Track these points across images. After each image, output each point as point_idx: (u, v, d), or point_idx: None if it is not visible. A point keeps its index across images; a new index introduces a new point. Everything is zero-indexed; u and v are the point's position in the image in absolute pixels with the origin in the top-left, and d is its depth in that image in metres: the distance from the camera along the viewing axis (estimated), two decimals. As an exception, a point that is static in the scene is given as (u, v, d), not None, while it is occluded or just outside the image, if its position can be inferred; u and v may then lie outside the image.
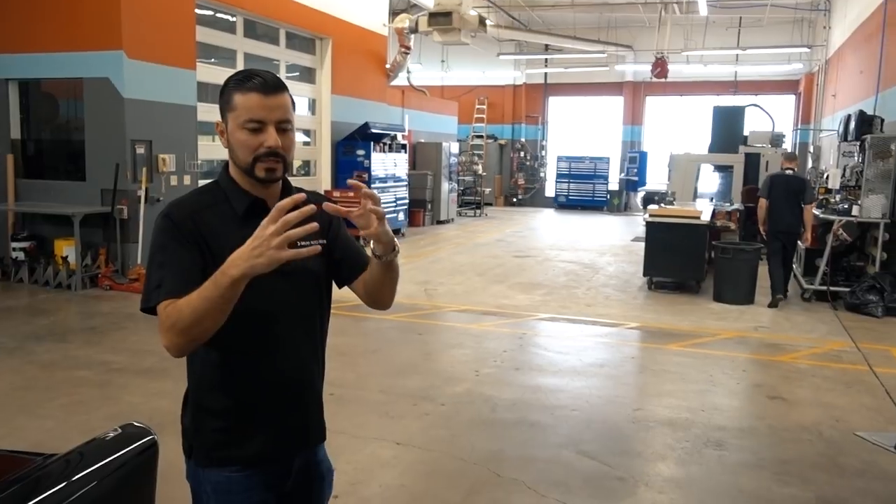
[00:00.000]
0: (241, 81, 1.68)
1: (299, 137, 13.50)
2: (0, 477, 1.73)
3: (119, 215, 8.80)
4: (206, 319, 1.54)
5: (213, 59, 10.77)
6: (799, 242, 9.24)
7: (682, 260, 9.12)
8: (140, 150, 9.01)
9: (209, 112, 10.48)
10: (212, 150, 10.83)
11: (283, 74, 12.41)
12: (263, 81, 1.67)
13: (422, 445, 4.28)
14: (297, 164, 13.35)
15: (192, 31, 9.81)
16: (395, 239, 1.74)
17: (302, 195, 1.52)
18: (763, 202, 8.68)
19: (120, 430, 2.06)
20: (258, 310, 1.64)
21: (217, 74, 10.83)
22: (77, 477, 1.82)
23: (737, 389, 5.50)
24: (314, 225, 1.50)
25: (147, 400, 4.98)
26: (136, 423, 2.09)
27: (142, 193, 8.90)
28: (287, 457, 1.84)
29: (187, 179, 9.73)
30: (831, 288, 8.60)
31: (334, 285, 1.93)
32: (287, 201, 1.48)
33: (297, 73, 12.93)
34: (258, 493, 1.80)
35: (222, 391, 1.77)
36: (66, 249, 8.59)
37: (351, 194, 1.74)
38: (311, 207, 1.48)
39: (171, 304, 1.59)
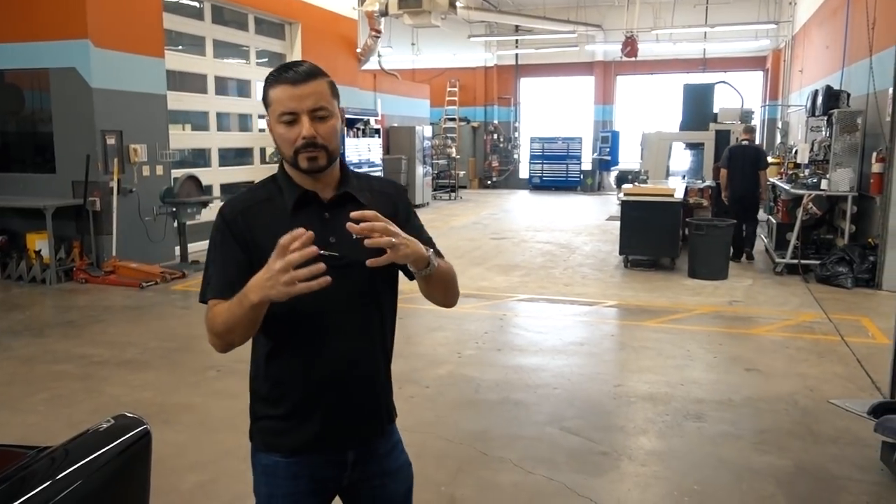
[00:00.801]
0: (275, 76, 1.70)
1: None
2: (-3, 470, 1.74)
3: (92, 207, 8.69)
4: (235, 330, 1.63)
5: (179, 47, 10.60)
6: (771, 218, 9.75)
7: (656, 238, 9.24)
8: (111, 141, 8.88)
9: (179, 100, 10.36)
10: (182, 139, 10.72)
11: (252, 61, 12.30)
12: (294, 72, 1.67)
13: (408, 427, 4.28)
14: (269, 151, 13.25)
15: (159, 18, 9.65)
16: (430, 254, 1.69)
17: (300, 231, 1.49)
18: (724, 172, 9.95)
19: (113, 421, 2.07)
20: (303, 302, 1.57)
21: (186, 62, 10.70)
22: (75, 467, 1.84)
23: (714, 363, 5.63)
24: (320, 266, 1.48)
25: (130, 392, 4.97)
26: (127, 414, 2.11)
27: (114, 185, 8.79)
28: (337, 449, 1.83)
29: (160, 169, 9.62)
30: (802, 261, 8.79)
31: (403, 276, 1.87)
32: (286, 238, 1.48)
33: (267, 59, 12.79)
34: (304, 482, 1.82)
35: (270, 381, 1.81)
36: (39, 243, 8.47)
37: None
38: (311, 250, 1.48)
39: (216, 305, 1.68)
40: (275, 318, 1.65)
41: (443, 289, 1.83)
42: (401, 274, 1.87)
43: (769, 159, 11.05)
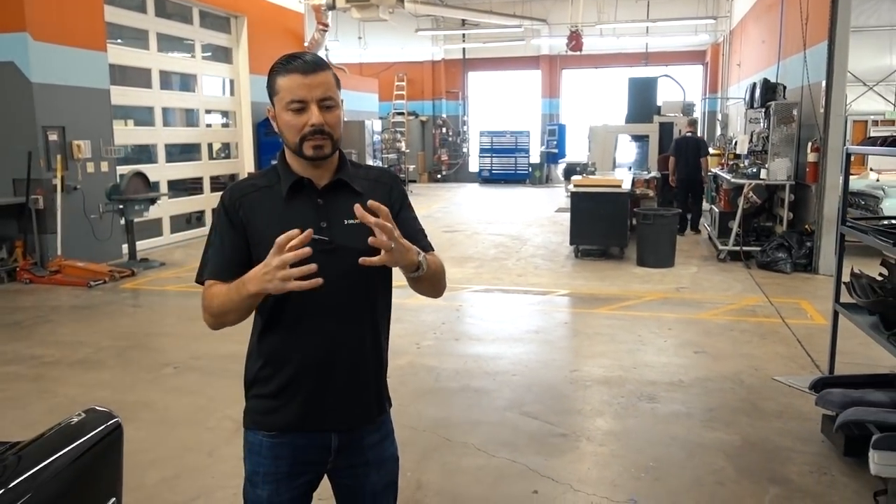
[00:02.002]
0: (283, 65, 1.74)
1: (217, 119, 13.19)
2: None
3: (35, 205, 8.46)
4: (229, 314, 1.74)
5: (119, 40, 10.35)
6: (713, 207, 10.26)
7: (605, 228, 9.47)
8: (53, 137, 8.65)
9: (123, 95, 10.14)
10: (127, 135, 10.49)
11: (198, 55, 12.09)
12: (303, 62, 1.73)
13: (371, 417, 4.38)
14: (216, 146, 13.06)
15: (100, 10, 9.44)
16: (421, 258, 1.73)
17: (295, 231, 1.57)
18: (672, 159, 11.83)
19: (84, 415, 2.07)
20: (300, 296, 1.63)
21: (129, 56, 10.46)
22: (48, 461, 1.84)
23: (664, 347, 5.82)
24: (312, 267, 1.57)
25: (85, 392, 4.88)
26: (97, 408, 2.11)
27: (58, 182, 8.56)
28: (320, 432, 1.85)
29: (105, 166, 9.42)
30: (744, 248, 9.13)
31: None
32: (283, 237, 1.56)
33: (210, 53, 12.57)
34: (286, 463, 1.86)
35: (261, 359, 1.86)
36: (-21, 243, 8.21)
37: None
38: (306, 251, 1.56)
39: (212, 286, 1.78)
40: (269, 295, 1.69)
41: (430, 286, 1.88)
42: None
43: (710, 150, 12.61)
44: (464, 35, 23.24)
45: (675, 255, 9.15)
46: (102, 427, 2.05)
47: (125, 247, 9.43)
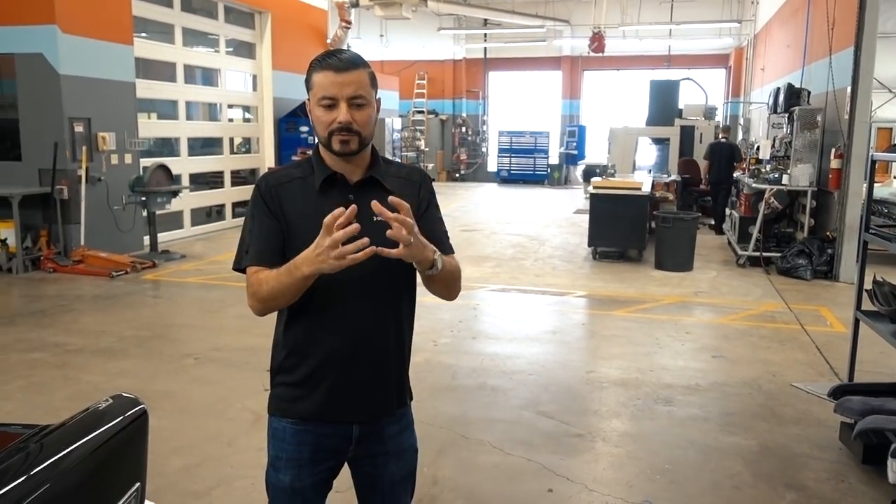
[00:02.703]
0: (319, 61, 1.78)
1: (239, 114, 13.29)
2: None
3: (59, 196, 8.57)
4: (280, 298, 1.77)
5: (144, 34, 10.45)
6: (733, 212, 10.23)
7: (624, 230, 9.44)
8: (79, 129, 8.77)
9: (148, 89, 10.25)
10: (151, 127, 10.61)
11: (222, 49, 12.20)
12: (338, 59, 1.76)
13: (388, 412, 4.42)
14: (238, 141, 13.17)
15: (128, 4, 9.55)
16: (437, 257, 1.77)
17: (340, 210, 1.61)
18: (706, 162, 12.41)
19: (111, 401, 2.12)
20: (323, 277, 1.70)
21: (154, 50, 10.58)
22: (75, 445, 1.89)
23: (681, 350, 5.81)
24: (365, 241, 1.61)
25: (108, 379, 4.96)
26: (124, 394, 2.16)
27: (82, 173, 8.68)
28: (342, 423, 1.89)
29: (128, 158, 9.53)
30: (764, 254, 9.07)
31: None
32: (329, 218, 1.61)
33: (233, 49, 12.68)
34: (308, 449, 1.90)
35: (287, 349, 1.90)
36: (5, 232, 8.33)
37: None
38: (355, 227, 1.61)
39: (258, 272, 1.79)
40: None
41: (444, 287, 1.92)
42: None
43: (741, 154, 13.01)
44: (485, 34, 23.25)
45: (693, 259, 9.11)
46: (129, 413, 2.10)
47: (147, 238, 9.54)
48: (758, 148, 12.82)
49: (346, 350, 1.85)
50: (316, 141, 1.90)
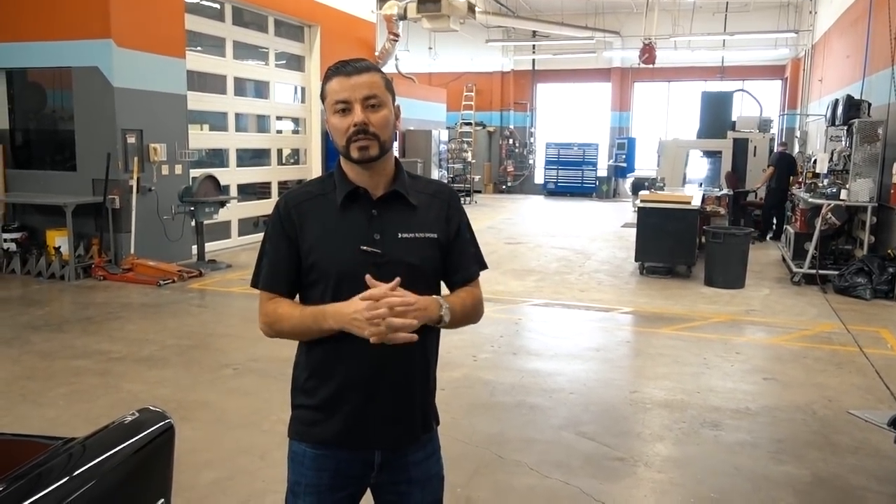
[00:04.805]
0: (332, 70, 1.75)
1: (288, 126, 13.45)
2: (22, 461, 1.77)
3: (111, 205, 8.77)
4: (300, 336, 1.83)
5: (198, 48, 10.68)
6: (788, 227, 9.96)
7: (673, 245, 9.20)
8: (131, 140, 8.97)
9: (199, 101, 10.45)
10: (201, 139, 10.80)
11: (272, 62, 12.38)
12: (349, 65, 1.73)
13: (424, 429, 4.33)
14: (286, 152, 13.32)
15: (181, 18, 9.75)
16: (443, 312, 1.74)
17: (385, 288, 1.63)
18: (772, 169, 12.78)
19: (137, 415, 2.09)
20: (345, 297, 1.69)
21: (206, 63, 10.79)
22: (98, 460, 1.86)
23: (730, 371, 5.59)
24: (413, 337, 1.64)
25: (148, 388, 5.00)
26: (151, 408, 2.13)
27: (133, 183, 8.86)
28: (364, 449, 1.83)
29: (178, 169, 9.70)
30: (820, 271, 8.72)
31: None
32: (378, 292, 1.63)
33: (285, 62, 12.87)
34: (328, 475, 1.84)
35: (308, 371, 1.86)
36: (59, 240, 8.56)
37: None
38: (401, 309, 1.63)
39: (276, 302, 1.81)
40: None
41: (459, 325, 1.88)
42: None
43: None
44: (534, 46, 23.15)
45: (745, 276, 8.81)
46: (155, 427, 2.07)
47: (194, 248, 9.69)
48: (815, 161, 12.40)
49: (368, 374, 1.78)
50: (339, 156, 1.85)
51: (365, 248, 1.72)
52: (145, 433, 2.02)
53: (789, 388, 5.22)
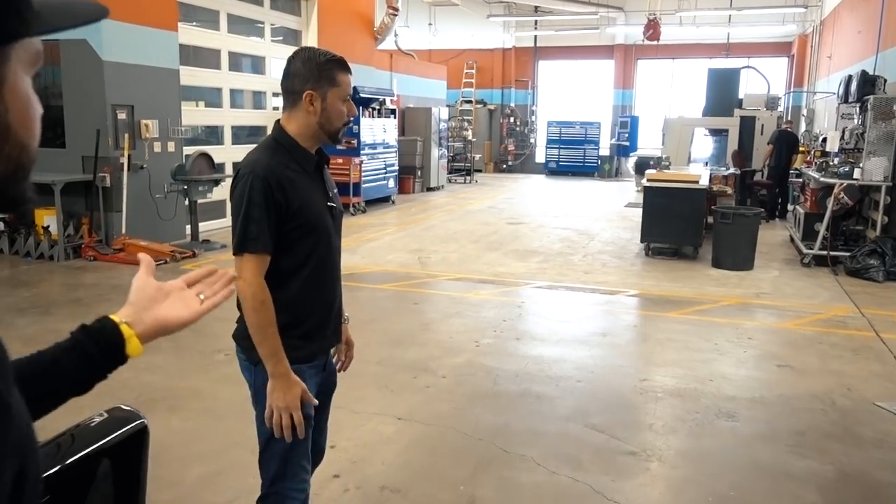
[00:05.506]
0: (339, 63, 2.14)
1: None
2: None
3: (101, 183, 8.50)
4: (256, 330, 2.16)
5: (190, 21, 10.34)
6: (797, 207, 9.77)
7: (680, 225, 8.95)
8: (121, 116, 8.68)
9: (192, 76, 10.13)
10: (195, 115, 10.50)
11: (267, 37, 12.04)
12: (344, 61, 2.17)
13: (424, 420, 4.12)
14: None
15: (172, -10, 9.41)
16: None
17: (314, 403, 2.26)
18: (770, 147, 12.55)
19: (106, 415, 1.88)
20: (324, 246, 2.21)
21: (199, 37, 10.45)
22: (57, 469, 1.65)
23: (744, 358, 5.37)
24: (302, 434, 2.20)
25: (136, 375, 4.76)
26: (123, 407, 1.92)
27: (125, 161, 8.59)
28: (327, 356, 2.39)
29: (171, 146, 9.42)
30: (831, 253, 8.48)
31: None
32: (309, 398, 2.19)
33: (281, 37, 12.52)
34: (314, 380, 2.29)
35: (285, 312, 2.17)
36: (48, 219, 8.29)
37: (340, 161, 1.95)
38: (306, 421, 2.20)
39: (266, 293, 2.12)
40: (309, 269, 2.19)
41: None
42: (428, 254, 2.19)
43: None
44: (536, 22, 22.70)
45: (755, 258, 8.57)
46: (126, 429, 1.86)
47: (188, 227, 9.43)
48: (824, 140, 12.12)
49: (334, 301, 2.33)
50: (280, 128, 2.21)
51: (330, 203, 2.25)
52: (115, 435, 1.81)
53: (805, 375, 5.01)
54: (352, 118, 2.18)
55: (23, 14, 0.71)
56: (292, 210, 2.09)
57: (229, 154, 10.98)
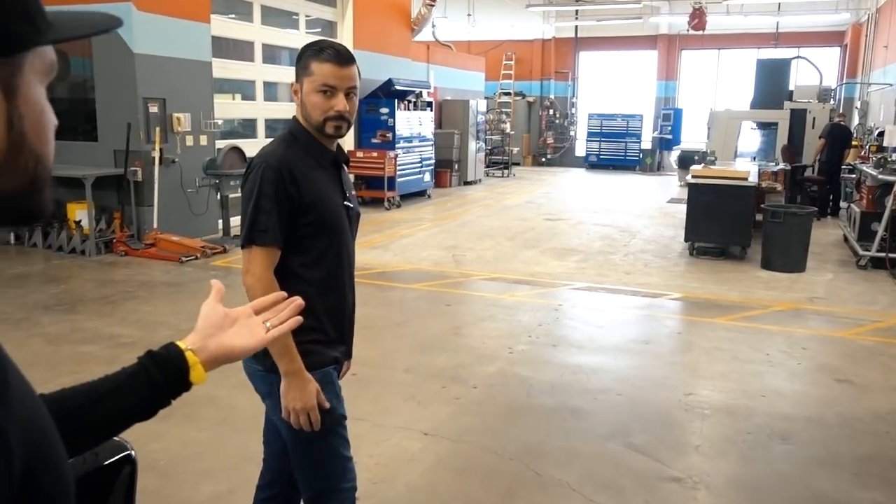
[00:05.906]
0: (317, 51, 1.99)
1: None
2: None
3: (133, 177, 8.42)
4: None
5: (225, 14, 10.20)
6: (852, 206, 9.38)
7: (726, 224, 8.52)
8: (153, 109, 8.57)
9: (225, 68, 10.00)
10: (228, 108, 10.37)
11: (302, 29, 11.86)
12: (337, 53, 1.99)
13: (451, 436, 3.86)
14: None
15: (205, -19, 9.26)
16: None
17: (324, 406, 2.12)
18: (822, 141, 12.22)
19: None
20: (345, 249, 2.14)
21: (232, 29, 10.31)
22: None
23: (798, 371, 4.99)
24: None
25: (154, 380, 4.61)
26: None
27: (156, 154, 8.48)
28: (340, 366, 2.27)
29: (203, 140, 9.30)
30: (890, 255, 7.97)
31: None
32: (322, 399, 2.05)
33: (319, 29, 12.34)
34: (338, 383, 2.20)
35: (320, 314, 2.09)
36: (79, 213, 8.24)
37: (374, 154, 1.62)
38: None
39: (276, 288, 1.90)
40: (329, 272, 2.10)
41: None
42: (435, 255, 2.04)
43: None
44: (577, 12, 22.16)
45: (807, 259, 8.11)
46: (108, 462, 1.64)
47: (220, 222, 9.31)
48: (880, 134, 11.50)
49: (351, 307, 2.24)
50: (296, 122, 2.11)
51: (346, 203, 2.15)
52: (92, 469, 1.59)
53: (868, 392, 4.62)
54: (339, 112, 1.98)
55: (36, 23, 0.71)
56: (305, 204, 2.00)
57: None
